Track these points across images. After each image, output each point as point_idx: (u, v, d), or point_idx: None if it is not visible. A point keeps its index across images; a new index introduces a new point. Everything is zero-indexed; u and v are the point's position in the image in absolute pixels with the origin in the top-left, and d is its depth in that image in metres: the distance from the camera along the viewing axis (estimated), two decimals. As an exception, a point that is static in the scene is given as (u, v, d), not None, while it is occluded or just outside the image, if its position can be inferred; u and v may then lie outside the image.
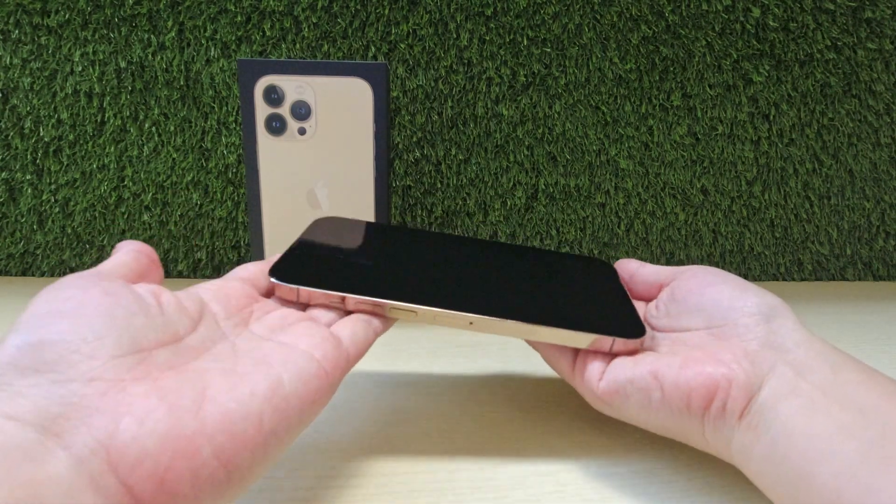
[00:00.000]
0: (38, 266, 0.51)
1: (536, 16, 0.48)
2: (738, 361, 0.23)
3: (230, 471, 0.17)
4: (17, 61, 0.46)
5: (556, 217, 0.53)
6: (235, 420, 0.18)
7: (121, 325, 0.18)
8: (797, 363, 0.22)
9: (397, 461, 0.27)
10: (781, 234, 0.55)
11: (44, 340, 0.17)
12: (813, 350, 0.23)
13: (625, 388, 0.25)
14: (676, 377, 0.23)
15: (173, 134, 0.48)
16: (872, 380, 0.21)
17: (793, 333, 0.24)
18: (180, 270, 0.52)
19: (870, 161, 0.53)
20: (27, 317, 0.18)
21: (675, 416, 0.24)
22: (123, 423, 0.16)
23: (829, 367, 0.22)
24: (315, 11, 0.46)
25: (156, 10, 0.46)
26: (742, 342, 0.24)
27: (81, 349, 0.17)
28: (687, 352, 0.25)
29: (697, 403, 0.23)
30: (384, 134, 0.39)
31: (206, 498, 0.17)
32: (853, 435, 0.19)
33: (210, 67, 0.47)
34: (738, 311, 0.25)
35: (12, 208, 0.49)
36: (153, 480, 0.16)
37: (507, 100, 0.49)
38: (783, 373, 0.22)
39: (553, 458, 0.27)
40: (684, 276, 0.28)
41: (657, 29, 0.49)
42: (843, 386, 0.21)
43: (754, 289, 0.26)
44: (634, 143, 0.51)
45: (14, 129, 0.47)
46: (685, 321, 0.27)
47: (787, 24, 0.49)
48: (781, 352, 0.23)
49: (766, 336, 0.24)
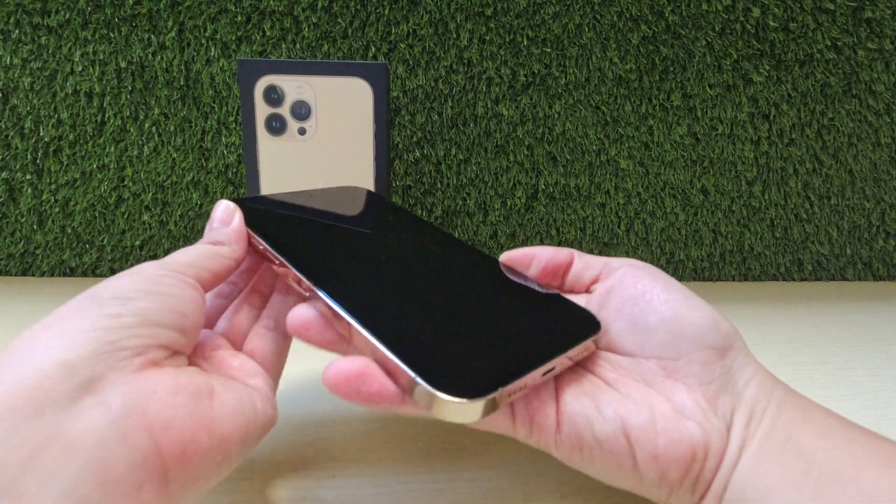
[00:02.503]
0: (38, 266, 0.51)
1: (536, 16, 0.48)
2: (707, 419, 0.21)
3: (226, 458, 0.19)
4: (18, 61, 0.46)
5: (556, 217, 0.53)
6: (235, 416, 0.20)
7: (178, 321, 0.20)
8: (749, 406, 0.21)
9: (397, 461, 0.27)
10: (781, 234, 0.55)
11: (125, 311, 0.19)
12: (762, 387, 0.22)
13: (590, 448, 0.21)
14: (654, 447, 0.20)
15: (173, 134, 0.48)
16: (810, 420, 0.21)
17: (744, 369, 0.22)
18: (180, 270, 0.52)
19: (870, 161, 0.53)
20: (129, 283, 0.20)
21: (642, 485, 0.21)
22: (161, 389, 0.18)
23: (775, 408, 0.21)
24: (315, 11, 0.46)
25: (156, 10, 0.46)
26: (700, 385, 0.22)
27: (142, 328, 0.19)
28: (649, 399, 0.21)
29: (673, 476, 0.20)
30: (384, 134, 0.39)
31: (203, 476, 0.19)
32: (796, 485, 0.19)
33: (210, 67, 0.47)
34: (692, 344, 0.22)
35: (12, 208, 0.49)
36: (180, 446, 0.18)
37: (507, 100, 0.49)
38: (739, 422, 0.21)
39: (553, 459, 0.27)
40: (625, 278, 0.25)
41: (657, 29, 0.48)
42: (785, 427, 0.20)
43: (705, 308, 0.23)
44: (634, 143, 0.51)
45: (14, 129, 0.47)
46: (629, 343, 0.23)
47: (787, 24, 0.49)
48: (734, 394, 0.21)
49: (722, 377, 0.22)
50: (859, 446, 0.19)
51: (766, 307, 0.49)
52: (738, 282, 0.56)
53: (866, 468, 0.18)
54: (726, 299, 0.51)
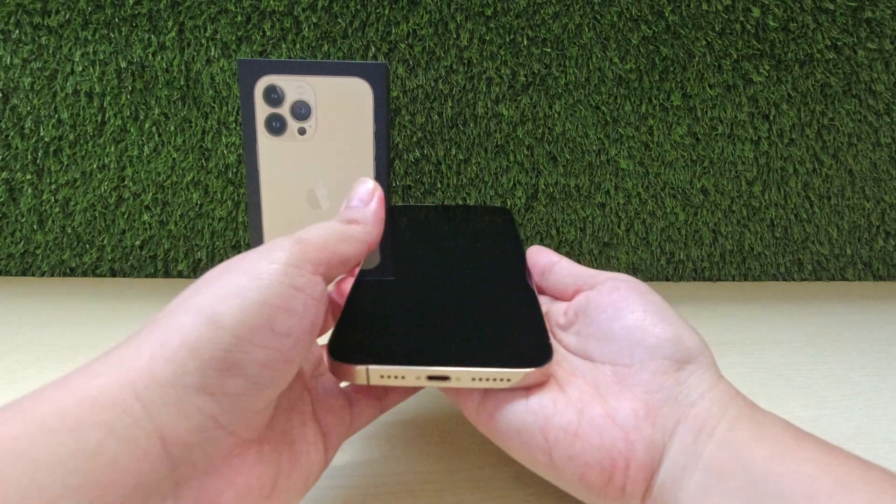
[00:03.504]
0: (38, 266, 0.51)
1: (536, 16, 0.48)
2: (638, 427, 0.20)
3: None
4: (18, 61, 0.46)
5: (556, 217, 0.53)
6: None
7: (285, 374, 0.20)
8: (698, 421, 0.20)
9: (397, 461, 0.27)
10: (781, 234, 0.55)
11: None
12: (716, 402, 0.21)
13: (508, 434, 0.21)
14: (570, 448, 0.20)
15: (173, 134, 0.48)
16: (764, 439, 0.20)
17: (700, 384, 0.21)
18: (180, 270, 0.52)
19: (870, 161, 0.53)
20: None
21: (562, 482, 0.21)
22: (228, 492, 0.18)
23: (727, 425, 0.20)
24: (315, 11, 0.46)
25: (156, 10, 0.46)
26: (646, 394, 0.21)
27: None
28: (585, 402, 0.21)
29: (594, 481, 0.20)
30: (384, 134, 0.39)
31: None
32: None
33: (210, 67, 0.47)
34: (648, 353, 0.22)
35: (12, 208, 0.49)
36: None
37: (507, 100, 0.49)
38: (683, 438, 0.20)
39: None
40: (604, 288, 0.25)
41: (657, 29, 0.49)
42: (735, 448, 0.20)
43: (675, 324, 0.23)
44: (634, 143, 0.51)
45: (14, 129, 0.47)
46: (592, 348, 0.24)
47: (787, 24, 0.49)
48: (684, 406, 0.21)
49: (672, 388, 0.21)
50: (812, 468, 0.18)
51: (766, 307, 0.49)
52: (738, 282, 0.56)
53: (817, 495, 0.17)
54: (726, 299, 0.51)
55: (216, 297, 0.17)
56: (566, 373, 0.23)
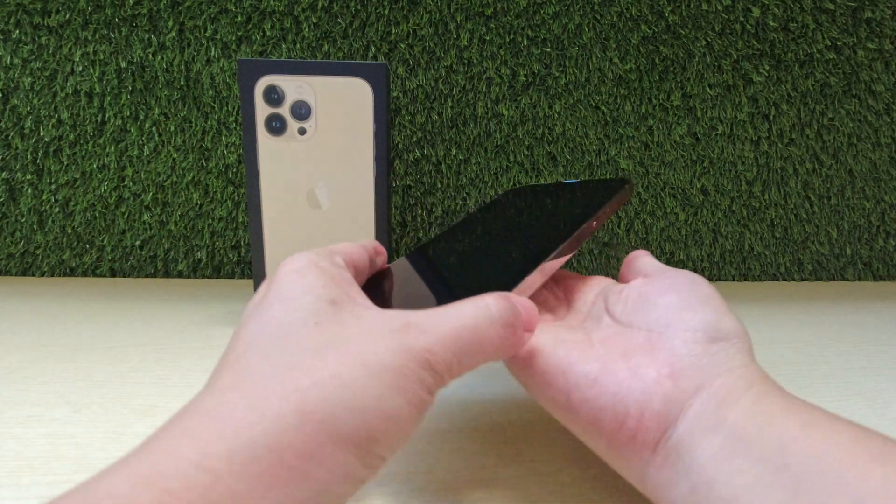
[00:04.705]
0: (38, 266, 0.51)
1: (536, 16, 0.48)
2: (659, 381, 0.21)
3: None
4: (18, 61, 0.46)
5: (556, 217, 0.53)
6: None
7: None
8: (722, 391, 0.21)
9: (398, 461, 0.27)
10: (781, 234, 0.55)
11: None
12: (743, 378, 0.21)
13: (534, 375, 0.23)
14: (588, 390, 0.22)
15: (173, 134, 0.48)
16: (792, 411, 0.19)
17: (729, 360, 0.22)
18: (180, 270, 0.52)
19: (870, 161, 0.53)
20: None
21: (576, 426, 0.23)
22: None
23: (752, 398, 0.20)
24: (315, 11, 0.46)
25: (156, 10, 0.46)
26: (673, 356, 0.22)
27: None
28: (611, 358, 0.23)
29: (605, 424, 0.21)
30: (384, 134, 0.39)
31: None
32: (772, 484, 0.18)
33: (210, 67, 0.47)
34: (683, 323, 0.23)
35: (12, 208, 0.49)
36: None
37: (507, 100, 0.49)
38: (705, 402, 0.20)
39: (553, 459, 0.27)
40: (665, 276, 0.26)
41: (657, 29, 0.49)
42: (762, 417, 0.19)
43: (719, 310, 0.24)
44: (634, 143, 0.51)
45: (14, 129, 0.47)
46: (635, 316, 0.25)
47: (787, 24, 0.49)
48: (710, 375, 0.21)
49: (700, 356, 0.22)
50: (845, 438, 0.18)
51: (766, 307, 0.49)
52: (738, 282, 0.56)
53: (853, 464, 0.17)
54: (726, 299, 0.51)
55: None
56: (603, 336, 0.25)
